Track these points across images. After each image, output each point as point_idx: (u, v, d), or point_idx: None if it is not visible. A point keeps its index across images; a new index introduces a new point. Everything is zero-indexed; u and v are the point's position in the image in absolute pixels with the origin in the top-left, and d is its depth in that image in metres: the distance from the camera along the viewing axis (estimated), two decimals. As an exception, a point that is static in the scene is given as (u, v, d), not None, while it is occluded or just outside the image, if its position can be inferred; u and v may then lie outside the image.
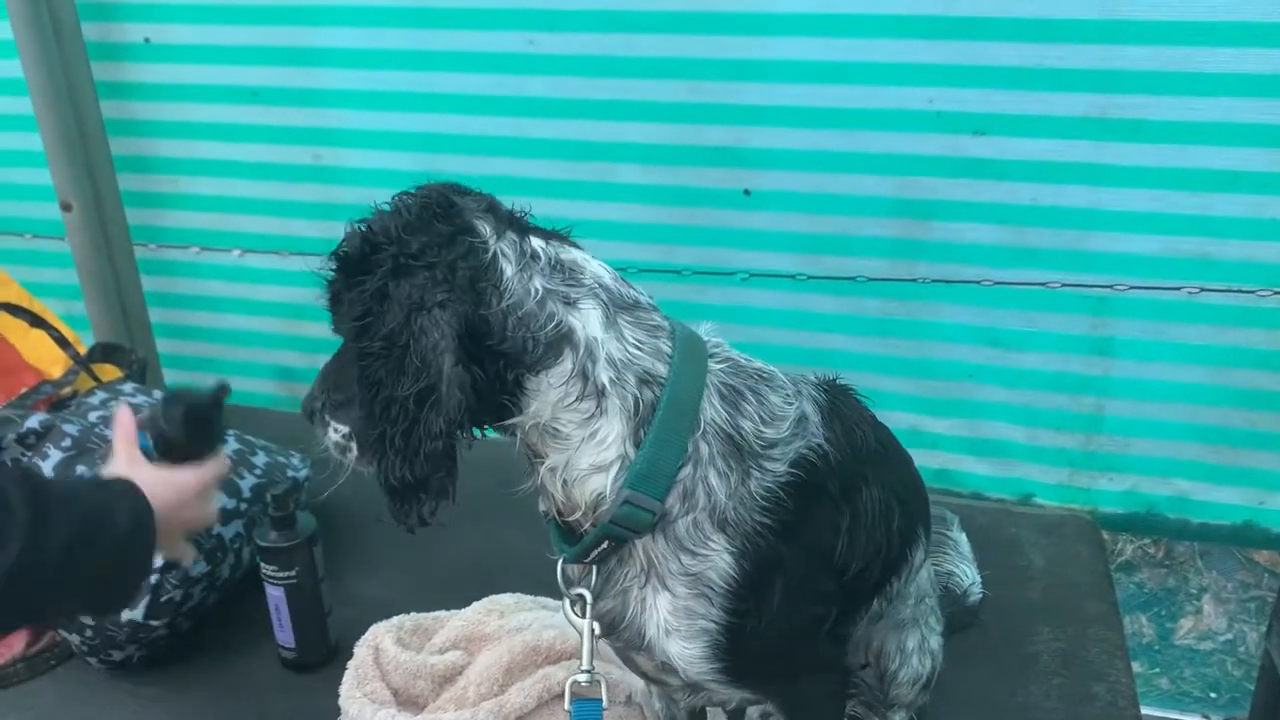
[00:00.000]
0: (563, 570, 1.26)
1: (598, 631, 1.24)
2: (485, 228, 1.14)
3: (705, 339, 1.23)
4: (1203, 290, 2.12)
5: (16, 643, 1.81)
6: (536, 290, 1.13)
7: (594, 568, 1.22)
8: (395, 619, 1.72)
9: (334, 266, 1.17)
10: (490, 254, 1.12)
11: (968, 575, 1.86)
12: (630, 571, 1.22)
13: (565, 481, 1.17)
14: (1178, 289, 2.13)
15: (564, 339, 1.13)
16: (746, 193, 2.29)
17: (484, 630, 1.69)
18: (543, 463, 1.18)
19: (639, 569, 1.21)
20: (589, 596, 1.23)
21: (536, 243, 1.16)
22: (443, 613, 1.76)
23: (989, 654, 1.77)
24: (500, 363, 1.11)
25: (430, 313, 1.08)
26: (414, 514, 1.17)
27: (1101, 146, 2.07)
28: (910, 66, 2.10)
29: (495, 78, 2.34)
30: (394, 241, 1.12)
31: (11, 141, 2.70)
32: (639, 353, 1.15)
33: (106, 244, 2.64)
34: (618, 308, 1.16)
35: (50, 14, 2.44)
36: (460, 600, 1.80)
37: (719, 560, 1.18)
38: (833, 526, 1.25)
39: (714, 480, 1.17)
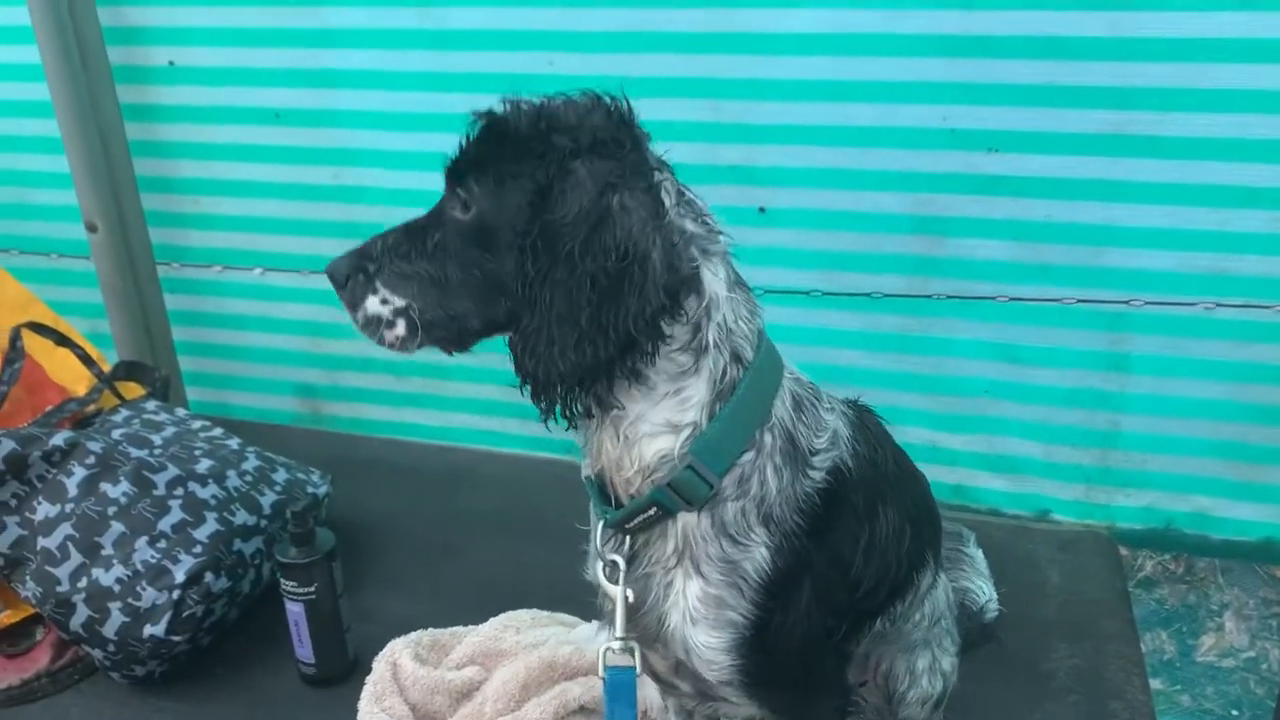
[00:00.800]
0: (600, 534, 1.25)
1: (630, 598, 1.22)
2: (651, 157, 1.13)
3: None
4: (1219, 305, 2.11)
5: (41, 657, 1.83)
6: (686, 231, 1.11)
7: (627, 536, 1.21)
8: (413, 635, 1.74)
9: (484, 133, 1.11)
10: (657, 181, 1.11)
11: (984, 592, 1.86)
12: (658, 554, 1.21)
13: (627, 438, 1.15)
14: (1194, 304, 2.13)
15: (694, 282, 1.11)
16: (761, 210, 2.30)
17: (501, 646, 1.70)
18: (609, 412, 1.15)
19: (672, 549, 1.20)
20: (622, 562, 1.21)
21: (689, 191, 1.16)
22: (460, 629, 1.77)
23: (1005, 671, 1.77)
24: None
25: (635, 193, 1.05)
26: (577, 404, 1.12)
27: (1116, 162, 2.07)
28: (924, 84, 2.11)
29: (515, 98, 2.35)
30: (571, 128, 1.09)
31: (38, 163, 2.74)
32: (741, 327, 1.16)
33: (130, 263, 2.67)
34: (736, 280, 1.18)
35: (77, 38, 2.48)
36: (478, 616, 1.81)
37: (758, 553, 1.18)
38: (853, 538, 1.26)
39: (770, 473, 1.18)
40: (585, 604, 1.47)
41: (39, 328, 2.07)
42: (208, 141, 2.63)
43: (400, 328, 1.15)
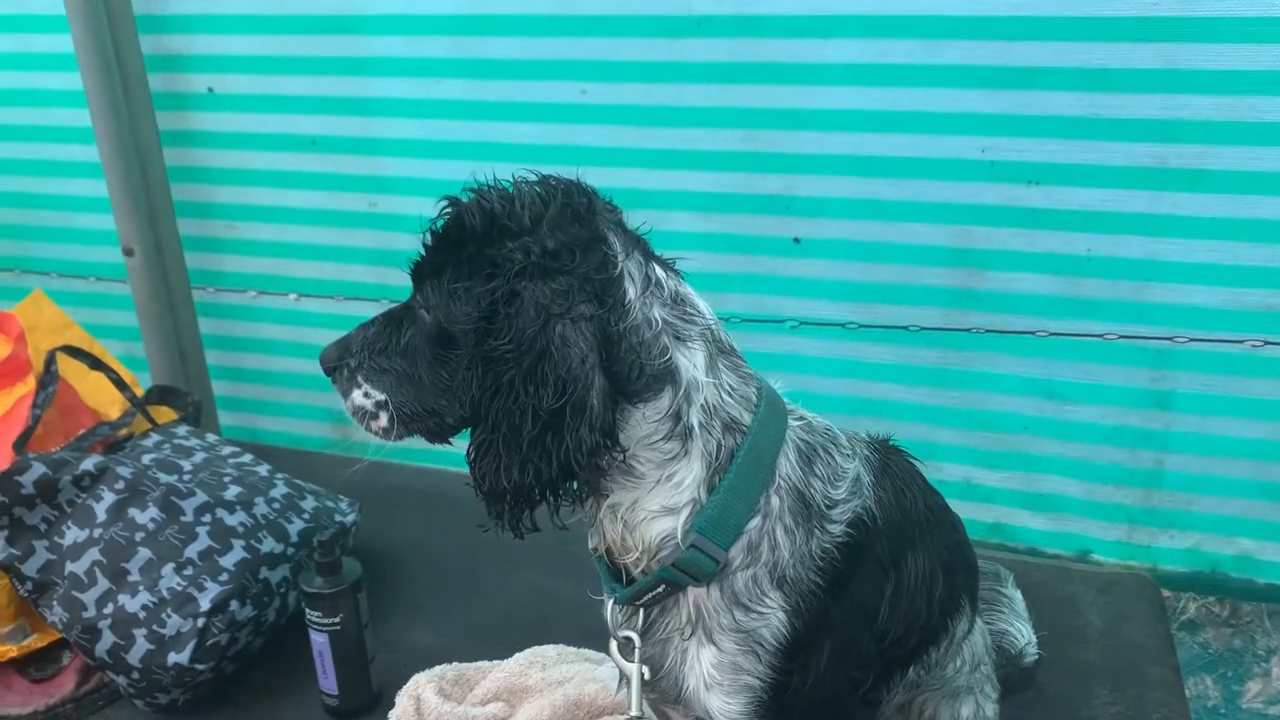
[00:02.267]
0: (611, 611, 1.23)
1: (647, 676, 1.20)
2: (615, 241, 1.11)
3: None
4: (1267, 344, 2.07)
5: (67, 683, 1.82)
6: (656, 321, 1.09)
7: (640, 610, 1.19)
8: (438, 668, 1.71)
9: (443, 233, 1.11)
10: (618, 271, 1.09)
11: (1023, 634, 1.80)
12: (673, 622, 1.19)
13: (626, 522, 1.14)
14: (1241, 342, 2.08)
15: (667, 375, 1.09)
16: (797, 240, 2.28)
17: (526, 682, 1.67)
18: (604, 499, 1.14)
19: (685, 619, 1.18)
20: (637, 639, 1.19)
21: (659, 270, 1.13)
22: (485, 663, 1.74)
23: (1045, 717, 1.71)
24: None
25: (577, 324, 1.04)
26: (524, 519, 1.12)
27: (1160, 196, 2.03)
28: (964, 116, 2.09)
29: (548, 126, 2.36)
30: (525, 232, 1.07)
31: (78, 188, 2.78)
32: (730, 399, 1.13)
33: (166, 288, 2.69)
34: (719, 351, 1.14)
35: (119, 65, 2.51)
36: (503, 649, 1.79)
37: (773, 619, 1.15)
38: (878, 589, 1.22)
39: (780, 536, 1.14)
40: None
41: (74, 351, 2.08)
42: (245, 168, 2.65)
43: (383, 419, 1.17)
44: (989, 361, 2.24)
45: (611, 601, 1.23)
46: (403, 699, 1.64)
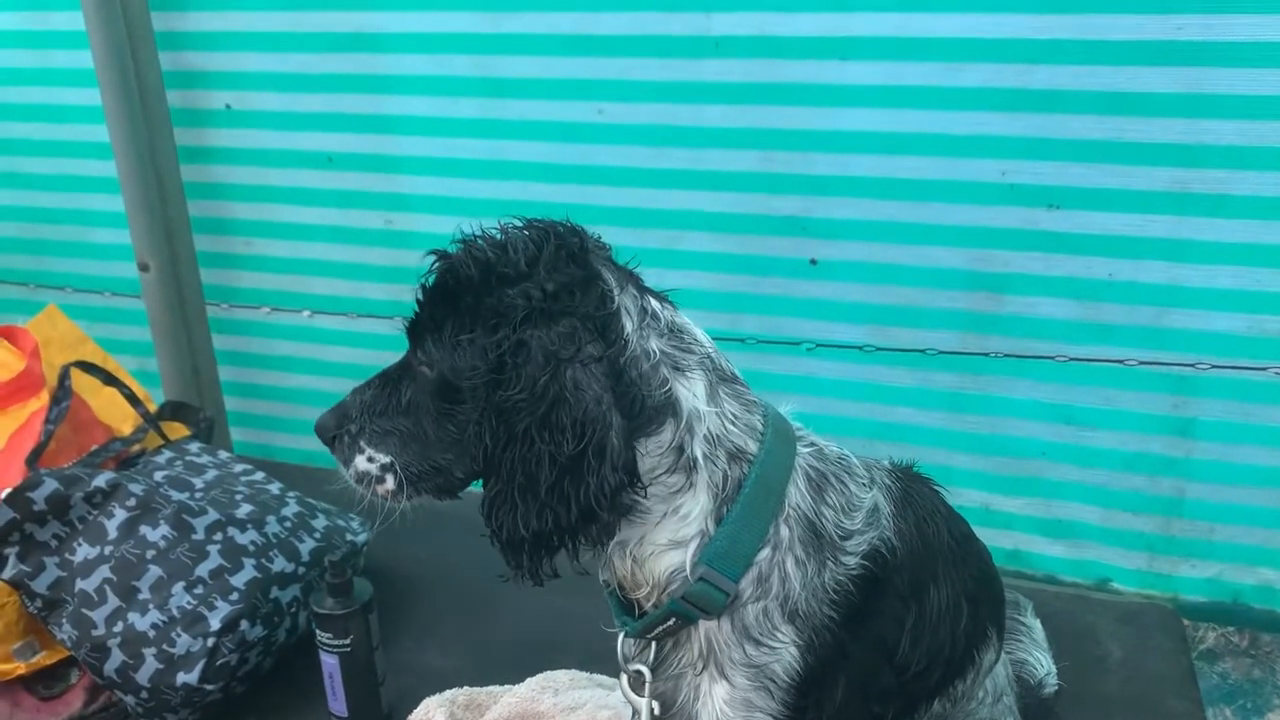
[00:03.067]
0: (622, 645, 1.22)
1: (657, 711, 1.19)
2: (610, 277, 1.10)
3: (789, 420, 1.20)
4: (1290, 371, 2.04)
5: (75, 701, 1.81)
6: (653, 353, 1.09)
7: (653, 643, 1.18)
8: (449, 693, 1.69)
9: (437, 287, 1.10)
10: (615, 306, 1.08)
11: (1042, 664, 1.78)
12: (686, 657, 1.17)
13: (635, 557, 1.13)
14: (1264, 369, 2.06)
15: (668, 407, 1.08)
16: (813, 262, 2.27)
17: (538, 708, 1.65)
18: (610, 539, 1.12)
19: (697, 654, 1.16)
20: (648, 673, 1.18)
21: (653, 302, 1.12)
22: (496, 687, 1.72)
23: (1065, 750, 1.69)
24: None
25: (587, 366, 1.03)
26: (544, 566, 1.11)
27: (1182, 221, 2.02)
28: (983, 138, 2.08)
29: (565, 146, 2.36)
30: (523, 277, 1.07)
31: (95, 203, 2.78)
32: (734, 428, 1.12)
33: (180, 303, 2.69)
34: (720, 379, 1.13)
35: (138, 82, 2.51)
36: (515, 673, 1.77)
37: (785, 654, 1.13)
38: (897, 622, 1.19)
39: (790, 567, 1.12)
40: (625, 666, 1.41)
41: (88, 366, 2.08)
42: (261, 184, 2.65)
43: (389, 482, 1.15)
44: (1007, 386, 2.22)
45: (623, 635, 1.21)
46: (413, 723, 1.62)
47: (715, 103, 2.22)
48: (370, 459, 1.15)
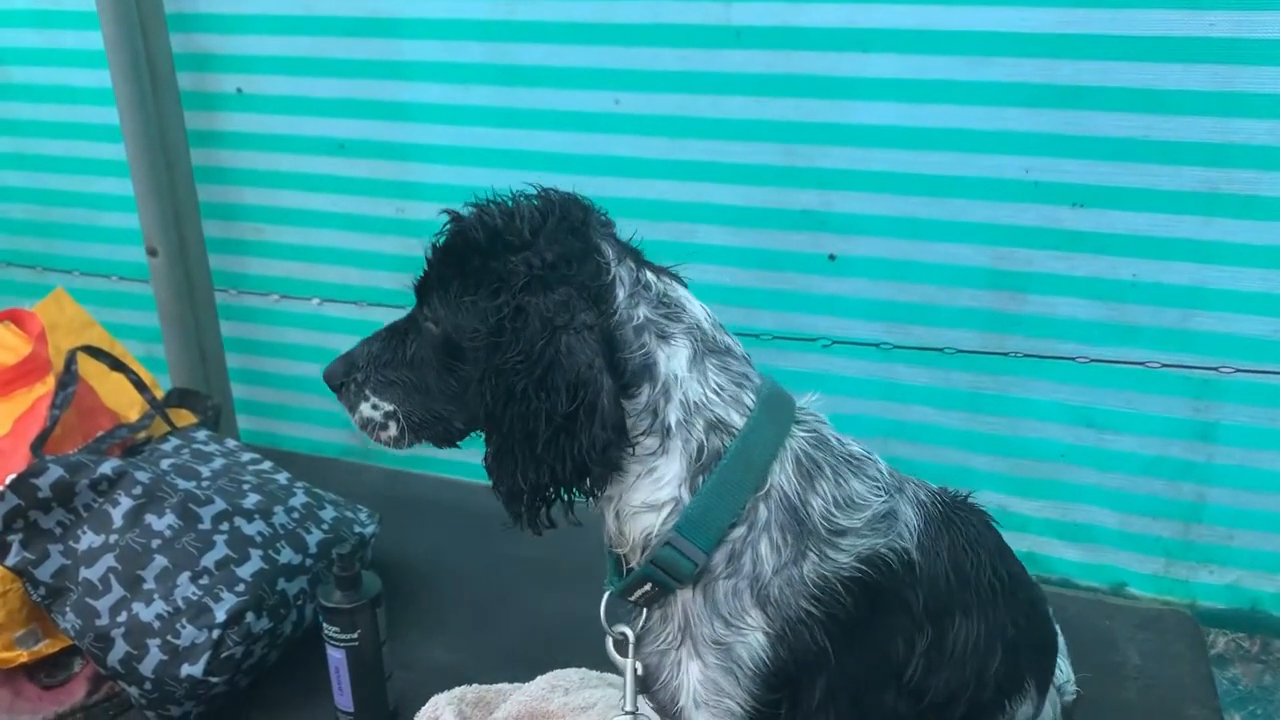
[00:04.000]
0: (607, 604, 1.25)
1: (640, 671, 1.21)
2: (609, 250, 1.15)
3: (801, 406, 1.19)
4: (1317, 377, 2.00)
5: (77, 691, 1.79)
6: (639, 318, 1.13)
7: (643, 610, 1.20)
8: (457, 690, 1.67)
9: (446, 247, 1.17)
10: (610, 277, 1.13)
11: (1061, 670, 1.74)
12: (670, 631, 1.18)
13: (619, 514, 1.16)
14: (1289, 374, 2.02)
15: (645, 370, 1.12)
16: (831, 258, 2.23)
17: (547, 707, 1.62)
18: (601, 492, 1.17)
19: (677, 627, 1.17)
20: (631, 635, 1.21)
21: (649, 275, 1.16)
22: (505, 685, 1.70)
23: (1082, 758, 1.66)
24: None
25: (579, 333, 1.08)
26: (540, 516, 1.17)
27: (1210, 222, 1.98)
28: (1007, 134, 2.04)
29: (580, 136, 2.32)
30: (526, 245, 1.12)
31: (104, 186, 2.75)
32: (716, 398, 1.13)
33: (189, 289, 2.66)
34: (708, 350, 1.15)
35: (149, 64, 2.49)
36: (524, 669, 1.74)
37: (752, 638, 1.13)
38: (906, 641, 1.17)
39: (764, 549, 1.13)
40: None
41: (95, 352, 2.06)
42: (272, 170, 2.62)
43: (392, 429, 1.22)
44: (1026, 387, 2.18)
45: (607, 594, 1.24)
46: (421, 720, 1.60)
47: (734, 94, 2.18)
48: (374, 406, 1.22)
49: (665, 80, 2.23)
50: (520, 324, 1.09)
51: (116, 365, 2.08)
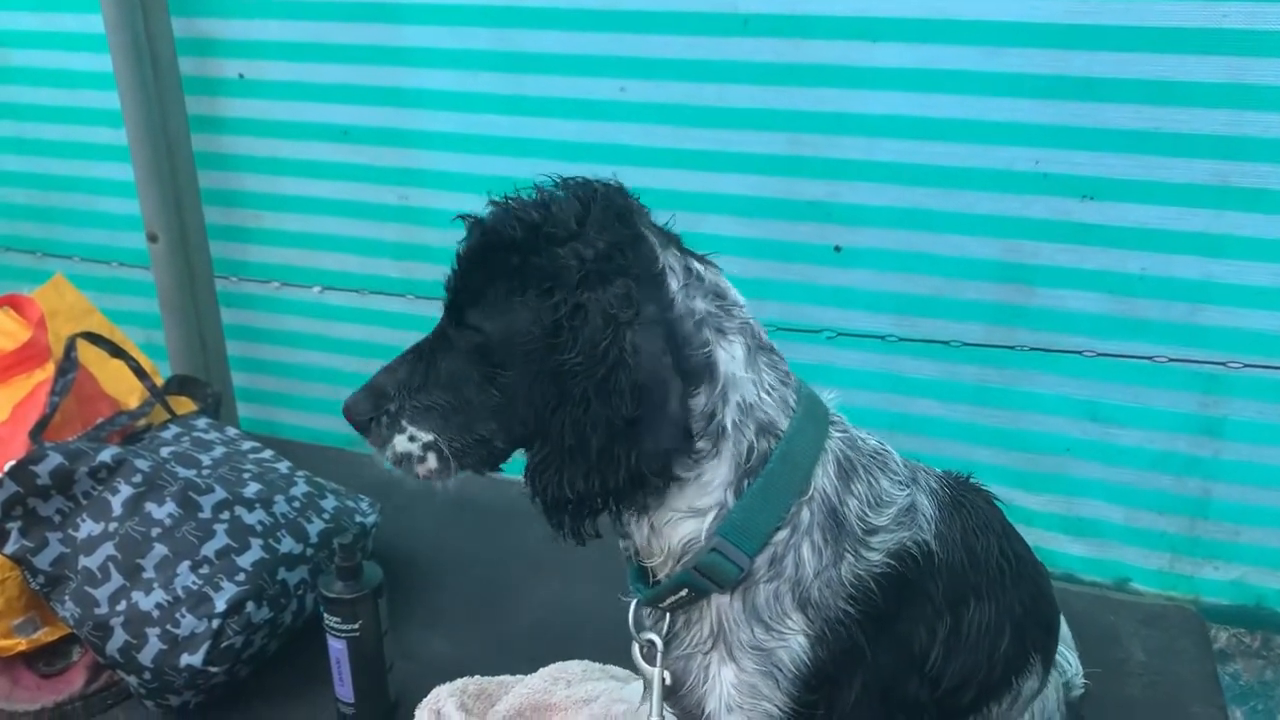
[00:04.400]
0: (635, 612, 1.20)
1: (668, 680, 1.17)
2: (652, 237, 1.09)
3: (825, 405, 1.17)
4: (1326, 372, 1.99)
5: (76, 679, 1.77)
6: (698, 312, 1.07)
7: (668, 615, 1.16)
8: (459, 682, 1.66)
9: (478, 250, 1.07)
10: (661, 266, 1.06)
11: (1070, 664, 1.73)
12: (696, 635, 1.15)
13: (653, 524, 1.11)
14: (1298, 369, 2.01)
15: (706, 370, 1.06)
16: (837, 249, 2.22)
17: (550, 700, 1.61)
18: (657, 504, 1.10)
19: (708, 632, 1.14)
20: (659, 642, 1.16)
21: (696, 263, 1.10)
22: (508, 677, 1.68)
23: (1087, 754, 1.65)
24: None
25: (646, 328, 1.01)
26: (586, 526, 1.10)
27: (1220, 216, 1.96)
28: (1017, 126, 2.02)
29: (586, 124, 2.30)
30: (572, 236, 1.04)
31: (104, 171, 2.73)
32: (768, 399, 1.09)
33: (189, 276, 2.64)
34: (758, 347, 1.11)
35: (150, 48, 2.46)
36: (527, 661, 1.73)
37: (794, 642, 1.10)
38: (928, 630, 1.16)
39: (806, 552, 1.10)
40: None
41: (94, 338, 2.04)
42: (274, 156, 2.60)
43: (431, 461, 1.11)
44: (1033, 380, 2.17)
45: (635, 602, 1.19)
46: (422, 712, 1.59)
47: (741, 83, 2.16)
48: (411, 438, 1.11)
49: (672, 68, 2.21)
50: (579, 322, 1.01)
51: (116, 352, 2.07)
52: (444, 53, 2.35)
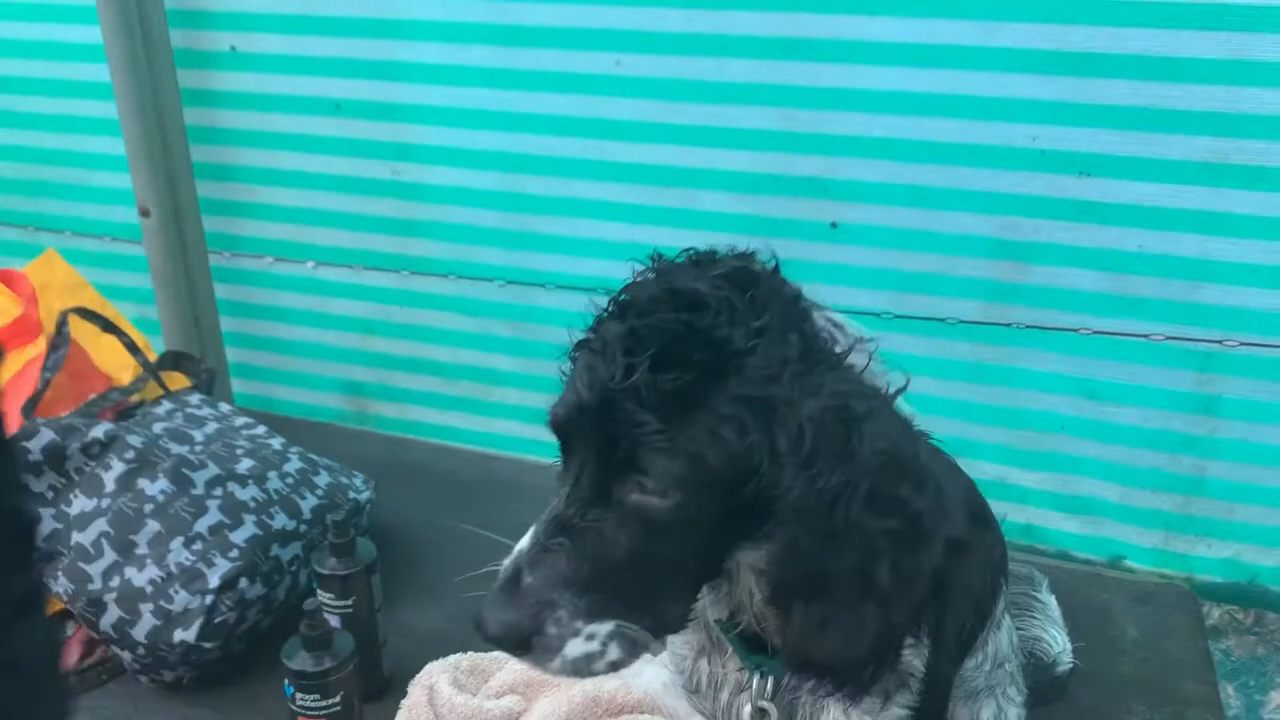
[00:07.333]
0: (756, 686, 1.09)
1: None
2: (803, 302, 1.02)
3: None
4: (1323, 350, 1.99)
5: (70, 655, 1.77)
6: (886, 383, 1.01)
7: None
8: (452, 658, 1.66)
9: (645, 388, 0.89)
10: (829, 342, 0.98)
11: (1057, 641, 1.74)
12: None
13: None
14: (1294, 348, 2.00)
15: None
16: (833, 226, 2.21)
17: (543, 676, 1.61)
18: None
19: None
20: (774, 712, 1.08)
21: (833, 320, 1.04)
22: (501, 654, 1.68)
23: (1078, 731, 1.66)
24: None
25: (878, 418, 0.91)
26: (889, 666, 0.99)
27: (1218, 193, 1.95)
28: (1014, 101, 2.01)
29: (580, 98, 2.28)
30: (756, 334, 0.91)
31: (95, 145, 2.71)
32: None
33: (182, 251, 2.63)
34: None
35: (140, 21, 2.44)
36: (520, 639, 1.73)
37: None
38: None
39: None
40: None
41: (87, 313, 2.03)
42: (266, 130, 2.58)
43: (613, 652, 0.98)
44: (1029, 358, 2.16)
45: (757, 678, 1.09)
46: (415, 688, 1.59)
47: (737, 57, 2.14)
48: (590, 636, 0.96)
49: (667, 42, 2.18)
50: (819, 435, 0.89)
51: (109, 327, 2.06)
52: (436, 26, 2.33)
